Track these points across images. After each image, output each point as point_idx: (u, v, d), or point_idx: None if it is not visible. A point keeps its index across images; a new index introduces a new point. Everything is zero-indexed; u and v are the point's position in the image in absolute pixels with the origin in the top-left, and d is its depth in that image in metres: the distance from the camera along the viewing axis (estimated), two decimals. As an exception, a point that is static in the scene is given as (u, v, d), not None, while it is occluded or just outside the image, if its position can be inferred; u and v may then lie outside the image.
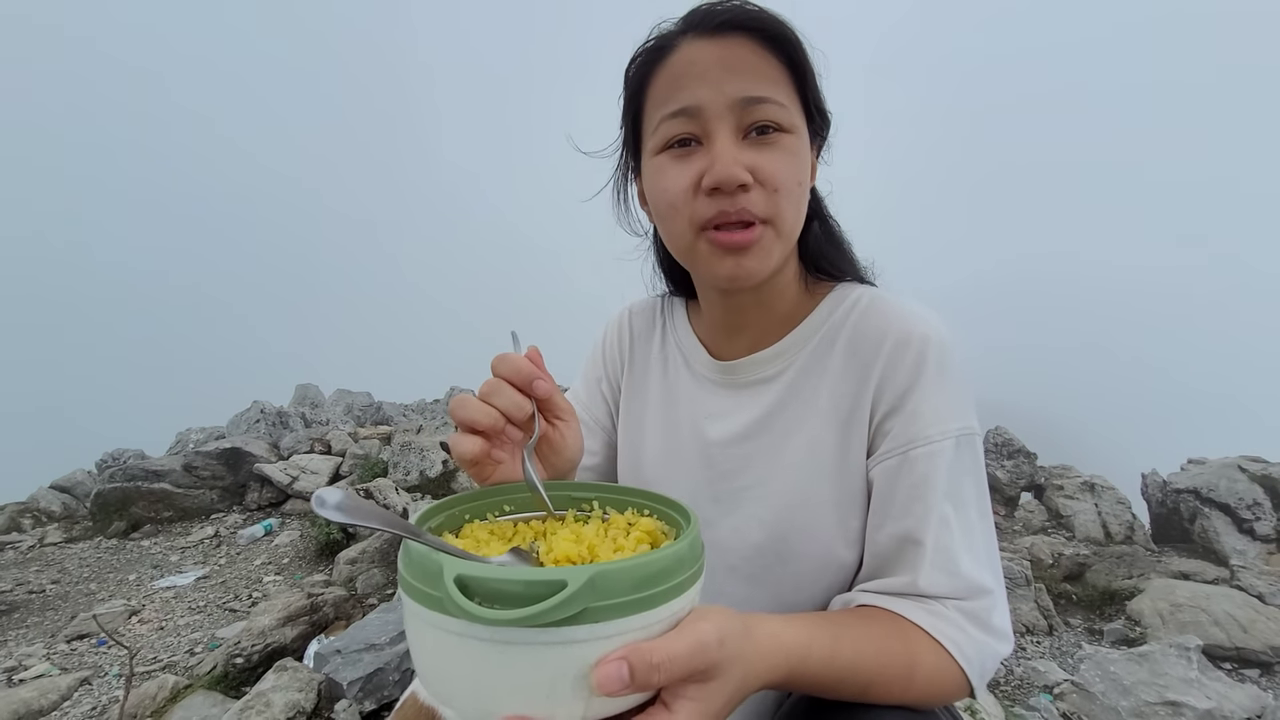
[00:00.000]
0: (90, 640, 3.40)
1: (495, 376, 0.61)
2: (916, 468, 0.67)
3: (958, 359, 0.71)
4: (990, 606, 0.66)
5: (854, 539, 0.74)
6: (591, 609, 0.41)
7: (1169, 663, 2.39)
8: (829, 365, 0.75)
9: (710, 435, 0.81)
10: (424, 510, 0.56)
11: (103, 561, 4.48)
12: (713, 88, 0.65)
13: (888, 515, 0.69)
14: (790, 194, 0.68)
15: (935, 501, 0.66)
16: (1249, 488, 4.50)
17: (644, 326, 0.94)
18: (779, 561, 0.76)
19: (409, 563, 0.46)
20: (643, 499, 0.61)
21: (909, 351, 0.70)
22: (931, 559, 0.65)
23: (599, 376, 0.96)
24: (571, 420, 0.67)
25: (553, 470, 0.67)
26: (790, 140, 0.67)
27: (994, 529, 0.71)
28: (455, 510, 0.59)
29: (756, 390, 0.79)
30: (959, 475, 0.68)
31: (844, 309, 0.77)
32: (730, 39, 0.66)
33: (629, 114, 0.76)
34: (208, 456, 5.24)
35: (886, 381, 0.71)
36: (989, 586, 0.66)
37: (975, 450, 0.70)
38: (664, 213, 0.72)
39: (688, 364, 0.87)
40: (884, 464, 0.70)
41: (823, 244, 0.81)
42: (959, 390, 0.70)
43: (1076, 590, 3.54)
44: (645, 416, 0.89)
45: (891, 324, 0.72)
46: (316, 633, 2.85)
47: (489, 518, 0.61)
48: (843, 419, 0.73)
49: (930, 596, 0.65)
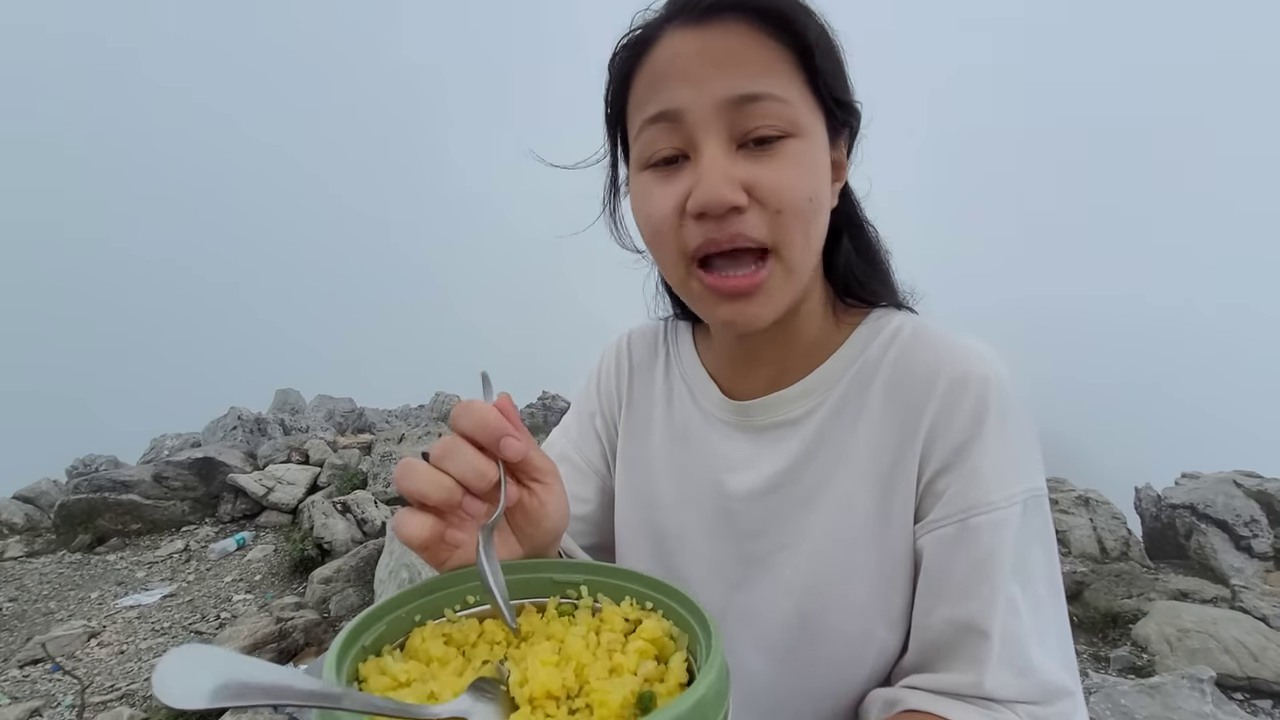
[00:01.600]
0: (44, 666, 3.20)
1: (455, 432, 0.49)
2: (980, 540, 0.56)
3: (1022, 404, 0.60)
4: (1069, 712, 0.55)
5: (897, 618, 0.62)
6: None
7: (1182, 695, 2.30)
8: (865, 408, 0.63)
9: (729, 487, 0.69)
10: (359, 620, 0.43)
11: (64, 578, 4.28)
12: (697, 87, 0.54)
13: (943, 596, 0.57)
14: (798, 214, 0.55)
15: (1003, 582, 0.55)
16: (1245, 503, 4.46)
17: (645, 356, 0.81)
18: (809, 640, 0.64)
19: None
20: (642, 586, 0.49)
21: (967, 395, 0.58)
22: (999, 654, 0.54)
23: (593, 412, 0.83)
24: (553, 483, 0.55)
25: (530, 545, 0.55)
26: (797, 145, 0.55)
27: (1065, 611, 0.60)
28: (401, 613, 0.46)
29: (778, 435, 0.67)
30: (1028, 547, 0.56)
31: (881, 341, 0.65)
32: (718, 24, 0.55)
33: (612, 116, 0.65)
34: (179, 466, 5.04)
35: (939, 431, 0.59)
36: (1068, 687, 0.55)
37: (1044, 514, 0.58)
38: (650, 240, 0.61)
39: (695, 401, 0.74)
40: (937, 532, 0.58)
41: (854, 262, 0.68)
42: (1025, 443, 0.59)
43: (1077, 611, 3.46)
44: (651, 460, 0.77)
45: (943, 361, 0.60)
46: (284, 661, 2.69)
47: (447, 614, 0.48)
48: (883, 474, 0.62)
49: (997, 701, 0.54)
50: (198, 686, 0.29)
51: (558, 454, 0.83)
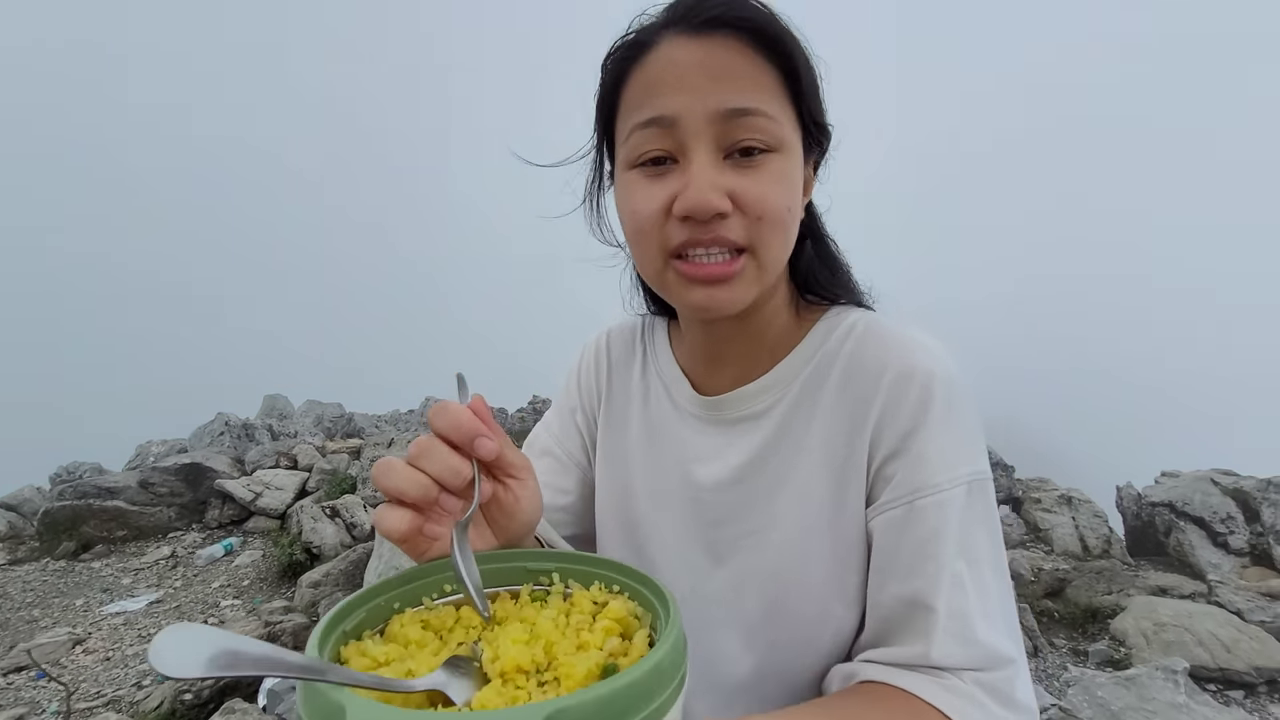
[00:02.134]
0: (29, 673, 3.18)
1: (431, 432, 0.52)
2: (925, 520, 0.59)
3: (967, 394, 0.64)
4: (1012, 677, 0.58)
5: (852, 597, 0.66)
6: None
7: (1156, 686, 2.35)
8: (822, 401, 0.67)
9: (698, 478, 0.73)
10: (340, 606, 0.46)
11: (49, 585, 4.23)
12: (692, 96, 0.57)
13: (892, 574, 0.61)
14: (776, 222, 0.59)
15: (947, 559, 0.58)
16: (1222, 501, 4.56)
17: (622, 353, 0.85)
18: (772, 621, 0.68)
19: (305, 697, 0.36)
20: (611, 571, 0.52)
21: (912, 387, 0.62)
22: (945, 626, 0.57)
23: (573, 407, 0.86)
24: (527, 479, 0.58)
25: (505, 536, 0.58)
26: (779, 160, 0.59)
27: (1010, 586, 0.63)
28: (381, 601, 0.49)
29: (744, 428, 0.71)
30: (971, 527, 0.60)
31: (837, 336, 0.69)
32: (717, 38, 0.57)
33: (602, 115, 0.67)
34: (166, 472, 5.00)
35: (887, 421, 0.63)
36: (1010, 654, 0.59)
37: (988, 496, 0.62)
38: (632, 237, 0.64)
39: (670, 396, 0.78)
40: (886, 515, 0.62)
41: (815, 265, 0.72)
42: (968, 430, 0.62)
43: (1058, 607, 3.52)
44: (628, 453, 0.80)
45: (891, 355, 0.64)
46: (273, 664, 2.69)
47: (425, 602, 0.51)
48: (838, 462, 0.65)
49: (945, 669, 0.57)
50: (193, 657, 0.32)
51: (540, 448, 0.86)
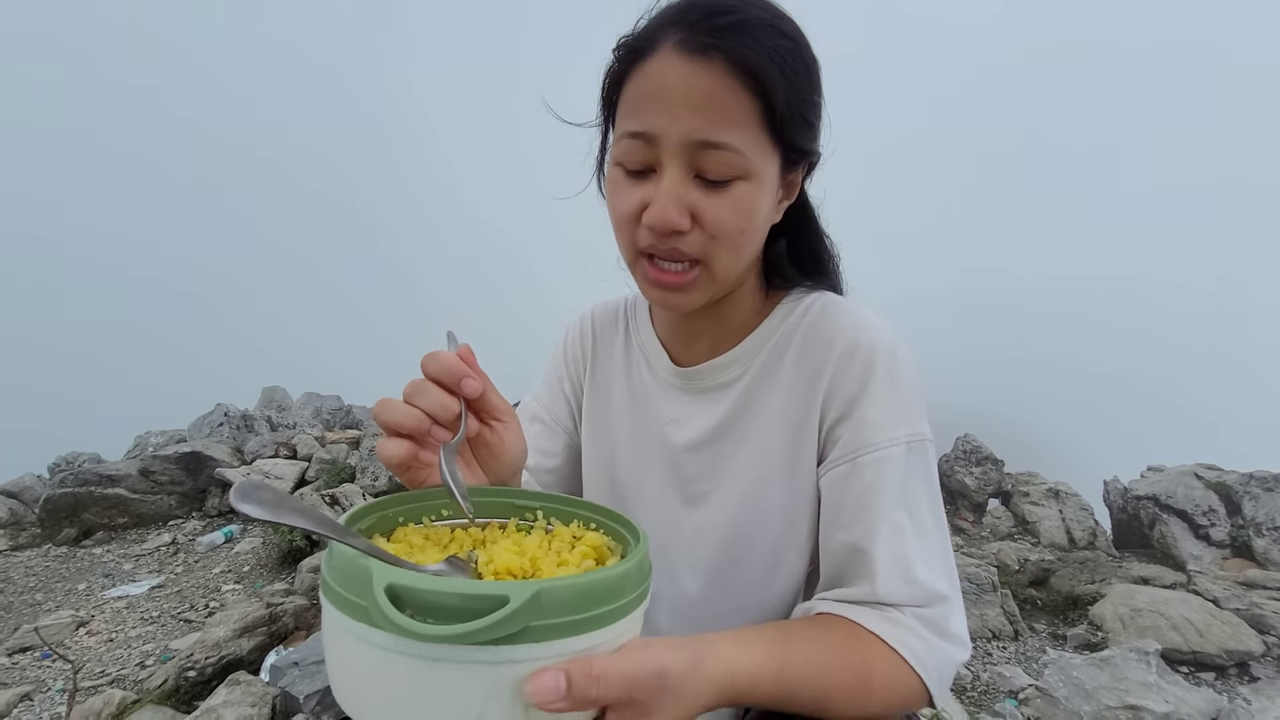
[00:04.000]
0: (34, 653, 3.24)
1: (424, 376, 0.58)
2: (865, 475, 0.67)
3: (909, 365, 0.71)
4: (947, 613, 0.66)
5: (803, 545, 0.74)
6: (533, 628, 0.38)
7: (1129, 667, 2.44)
8: (781, 371, 0.75)
9: (674, 440, 0.81)
10: (354, 510, 0.53)
11: (51, 570, 4.29)
12: (672, 120, 0.61)
13: (838, 524, 0.69)
14: (729, 242, 0.65)
15: (885, 509, 0.66)
16: (1205, 495, 4.65)
17: (606, 328, 0.93)
18: (732, 565, 0.77)
19: (333, 566, 0.42)
20: (590, 512, 0.59)
21: (857, 358, 0.70)
22: (886, 567, 0.65)
23: (560, 377, 0.94)
24: (510, 422, 0.65)
25: (493, 475, 0.65)
26: (744, 188, 0.63)
27: (948, 535, 0.71)
28: (389, 511, 0.56)
29: (714, 396, 0.79)
30: (911, 481, 0.67)
31: (797, 315, 0.77)
32: (705, 65, 0.60)
33: (607, 101, 0.72)
34: (166, 460, 5.06)
35: (835, 388, 0.70)
36: (945, 593, 0.66)
37: (927, 456, 0.69)
38: (614, 226, 0.71)
39: (650, 367, 0.86)
40: (833, 471, 0.70)
41: (784, 260, 0.79)
42: (909, 396, 0.70)
43: (1041, 595, 3.60)
44: (613, 419, 0.88)
45: (841, 330, 0.72)
46: (275, 644, 2.75)
47: (425, 521, 0.58)
48: (794, 425, 0.73)
49: (889, 605, 0.65)
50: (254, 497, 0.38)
51: (530, 415, 0.94)
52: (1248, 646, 2.81)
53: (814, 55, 0.67)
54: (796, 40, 0.64)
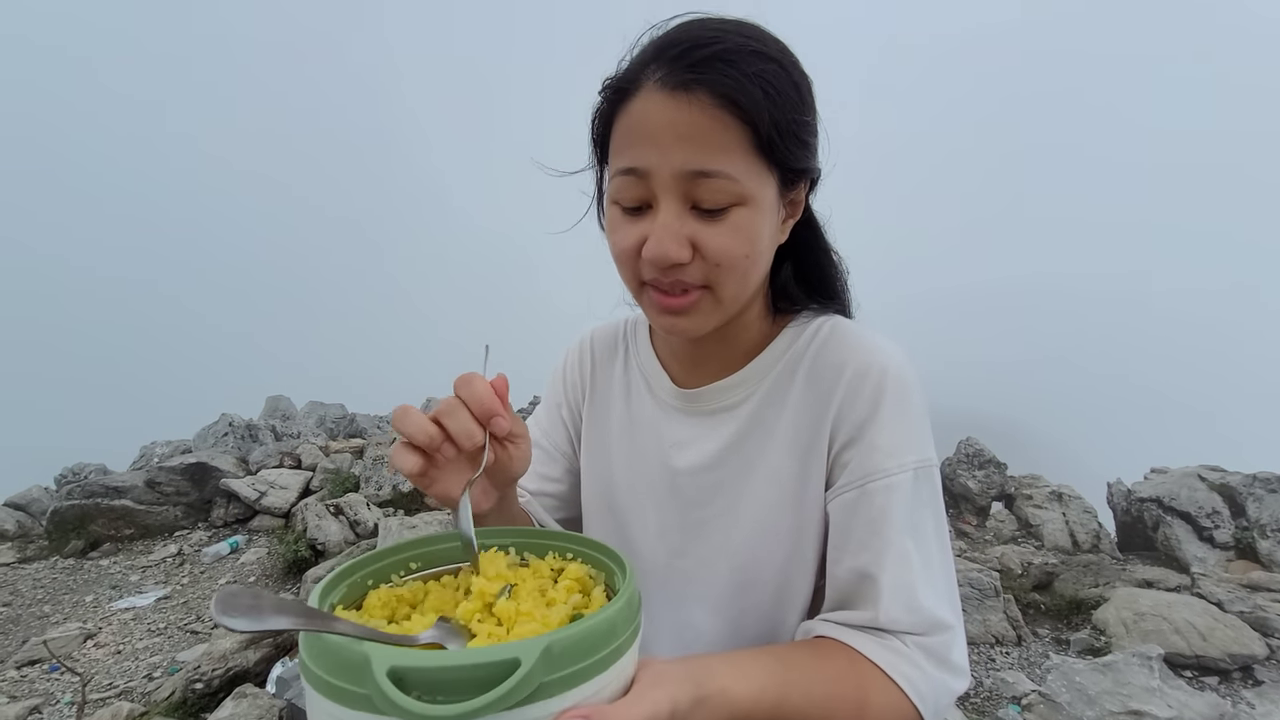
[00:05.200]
0: (42, 666, 3.27)
1: (455, 396, 0.59)
2: (874, 501, 0.67)
3: (917, 390, 0.71)
4: (949, 643, 0.66)
5: (809, 568, 0.74)
6: (546, 683, 0.38)
7: (1132, 672, 2.44)
8: (790, 395, 0.74)
9: (676, 464, 0.80)
10: (323, 585, 0.50)
11: (58, 582, 4.32)
12: (661, 154, 0.61)
13: (846, 549, 0.68)
14: (733, 268, 0.65)
15: (894, 536, 0.66)
16: (1208, 496, 4.64)
17: (606, 351, 0.92)
18: (740, 592, 0.76)
19: (320, 653, 0.40)
20: (564, 541, 0.59)
21: (867, 383, 0.69)
22: (891, 594, 0.65)
23: (559, 402, 0.94)
24: (522, 441, 0.66)
25: (498, 485, 0.67)
26: (742, 213, 0.63)
27: (953, 562, 0.71)
28: (356, 578, 0.54)
29: (720, 418, 0.78)
30: (917, 508, 0.67)
31: (806, 337, 0.76)
32: (689, 98, 0.60)
33: (599, 144, 0.73)
34: (172, 472, 5.09)
35: (844, 412, 0.70)
36: (948, 622, 0.66)
37: (933, 483, 0.69)
38: (615, 261, 0.71)
39: (650, 389, 0.85)
40: (842, 497, 0.69)
41: (791, 282, 0.79)
42: (918, 422, 0.70)
43: (1045, 600, 3.60)
44: (610, 444, 0.87)
45: (851, 354, 0.71)
46: (281, 656, 2.77)
47: (394, 579, 0.56)
48: (802, 449, 0.73)
49: (890, 632, 0.65)
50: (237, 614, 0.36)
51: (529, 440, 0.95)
52: (1251, 650, 2.81)
53: (803, 74, 0.66)
54: (782, 62, 0.64)
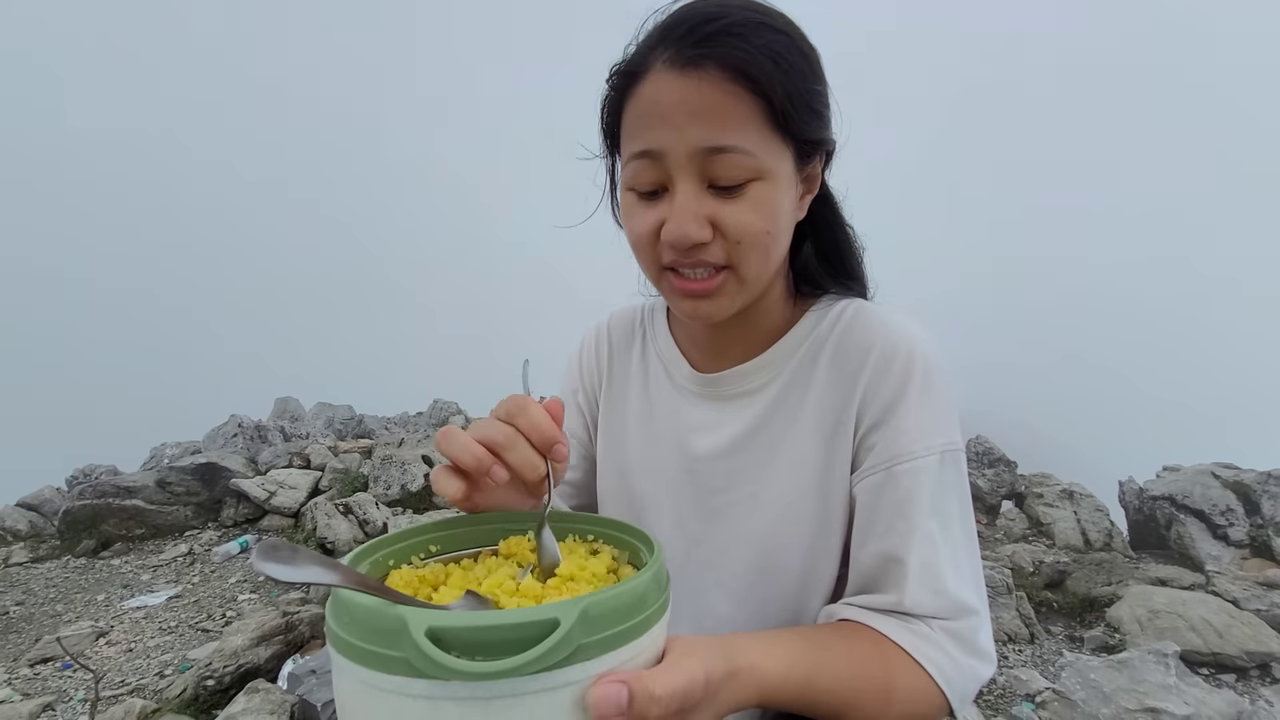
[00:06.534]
0: (55, 664, 3.28)
1: (511, 425, 0.55)
2: (901, 484, 0.66)
3: (944, 373, 0.70)
4: (975, 627, 0.65)
5: (834, 553, 0.73)
6: (583, 646, 0.37)
7: (1148, 669, 2.41)
8: (814, 378, 0.73)
9: (695, 449, 0.79)
10: (348, 558, 0.50)
11: (70, 581, 4.35)
12: (675, 133, 0.60)
13: (871, 532, 0.68)
14: (755, 244, 0.64)
15: (920, 519, 0.65)
16: (1222, 494, 4.59)
17: (623, 337, 0.91)
18: (763, 578, 0.75)
19: (352, 620, 0.39)
20: (586, 524, 0.59)
21: (894, 365, 0.68)
22: (916, 578, 0.64)
23: (575, 389, 0.93)
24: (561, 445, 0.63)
25: (530, 491, 0.66)
26: (760, 188, 0.62)
27: (978, 546, 0.70)
28: (379, 556, 0.54)
29: (741, 403, 0.77)
30: (944, 492, 0.67)
31: (829, 321, 0.75)
32: (699, 75, 0.60)
33: (608, 129, 0.73)
34: (182, 472, 5.12)
35: (871, 395, 0.69)
36: (974, 607, 0.65)
37: (960, 466, 0.69)
38: (633, 248, 0.71)
39: (669, 375, 0.84)
40: (868, 480, 0.68)
41: (812, 262, 0.78)
42: (944, 405, 0.69)
43: (1057, 598, 3.57)
44: (627, 430, 0.87)
45: (877, 336, 0.71)
46: (292, 652, 2.78)
47: (414, 561, 0.56)
48: (827, 433, 0.72)
49: (915, 616, 0.64)
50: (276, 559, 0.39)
51: None
52: (1269, 648, 2.78)
53: (811, 45, 0.66)
54: (789, 33, 0.63)
